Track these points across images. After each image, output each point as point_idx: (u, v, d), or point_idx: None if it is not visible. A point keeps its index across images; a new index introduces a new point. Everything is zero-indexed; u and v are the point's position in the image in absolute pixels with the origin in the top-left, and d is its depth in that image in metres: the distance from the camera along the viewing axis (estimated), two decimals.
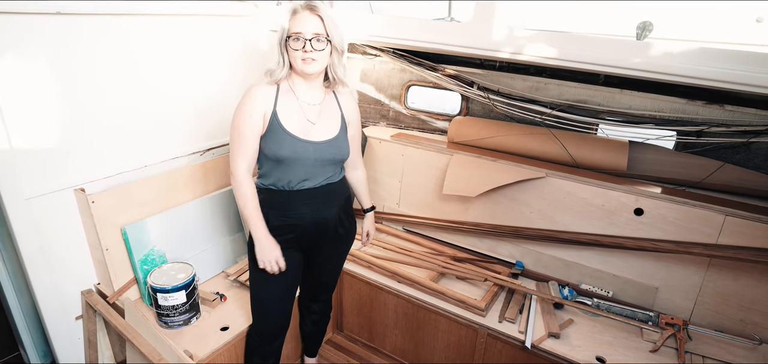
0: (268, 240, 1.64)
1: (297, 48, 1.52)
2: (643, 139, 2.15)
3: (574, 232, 2.13)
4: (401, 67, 2.64)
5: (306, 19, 1.51)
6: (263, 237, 1.63)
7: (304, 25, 1.51)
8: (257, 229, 1.63)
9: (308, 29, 1.51)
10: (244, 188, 1.61)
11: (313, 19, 1.52)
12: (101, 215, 1.87)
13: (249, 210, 1.62)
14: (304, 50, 1.52)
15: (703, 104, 1.99)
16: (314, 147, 1.61)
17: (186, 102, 2.22)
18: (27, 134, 1.69)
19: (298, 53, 1.53)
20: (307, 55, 1.52)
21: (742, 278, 1.86)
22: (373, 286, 2.30)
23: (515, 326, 1.96)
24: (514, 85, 2.37)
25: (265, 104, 1.57)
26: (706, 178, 2.00)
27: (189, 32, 2.15)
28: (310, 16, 1.52)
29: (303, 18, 1.51)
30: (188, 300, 1.87)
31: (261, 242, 1.63)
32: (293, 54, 1.54)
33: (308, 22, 1.51)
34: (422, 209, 2.58)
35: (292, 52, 1.54)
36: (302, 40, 1.51)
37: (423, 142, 2.54)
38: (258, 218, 1.63)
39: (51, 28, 1.67)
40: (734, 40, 3.60)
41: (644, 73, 1.84)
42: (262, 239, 1.63)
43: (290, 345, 2.26)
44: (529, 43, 2.02)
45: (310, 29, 1.51)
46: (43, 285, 1.87)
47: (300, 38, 1.51)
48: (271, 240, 1.64)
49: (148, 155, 2.11)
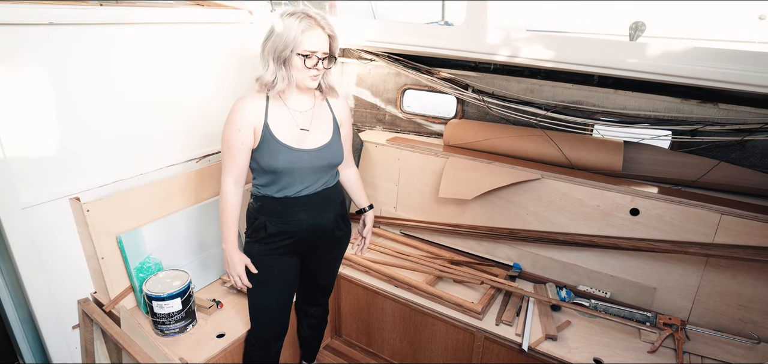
0: (237, 254, 1.67)
1: (310, 66, 1.49)
2: (638, 139, 2.14)
3: (571, 233, 2.13)
4: (396, 72, 2.65)
5: (320, 37, 1.48)
6: (232, 250, 1.66)
7: (318, 44, 1.48)
8: (227, 241, 1.66)
9: (321, 48, 1.49)
10: (226, 200, 1.63)
11: (325, 38, 1.49)
12: (96, 223, 1.87)
13: (226, 222, 1.65)
14: (315, 68, 1.50)
15: (697, 103, 1.99)
16: (309, 155, 1.61)
17: (181, 110, 2.23)
18: (21, 144, 1.70)
19: (310, 72, 1.50)
20: (318, 73, 1.51)
21: (740, 277, 1.85)
22: (370, 291, 2.30)
23: (512, 328, 1.96)
24: (509, 87, 2.38)
25: (254, 117, 1.55)
26: (701, 178, 1.99)
27: (184, 40, 2.16)
28: (323, 35, 1.49)
29: (317, 36, 1.47)
30: (184, 308, 1.87)
31: (230, 255, 1.66)
32: (301, 71, 1.50)
33: (322, 41, 1.48)
34: (419, 212, 2.58)
35: (299, 69, 1.50)
36: (315, 59, 1.48)
37: (419, 146, 2.54)
38: (230, 232, 1.65)
39: (44, 38, 1.68)
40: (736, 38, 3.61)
41: (638, 73, 1.84)
42: (232, 252, 1.66)
43: (288, 351, 2.25)
44: (522, 45, 2.02)
45: (323, 48, 1.49)
46: (40, 294, 1.87)
47: (313, 57, 1.48)
48: (239, 254, 1.68)
49: (143, 163, 2.11)
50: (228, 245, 1.66)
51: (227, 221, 1.65)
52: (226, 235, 1.65)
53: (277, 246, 1.67)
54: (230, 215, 1.64)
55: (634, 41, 1.95)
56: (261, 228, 1.66)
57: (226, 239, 1.65)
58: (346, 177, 1.93)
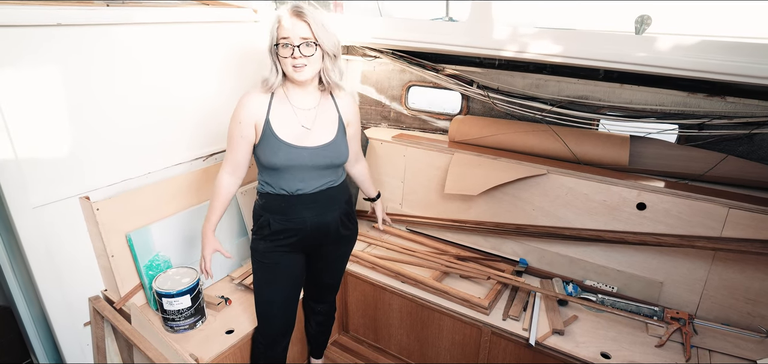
0: (210, 237, 1.73)
1: (286, 55, 1.50)
2: (644, 133, 2.14)
3: (577, 228, 2.13)
4: (401, 68, 2.65)
5: (293, 24, 1.48)
6: (208, 232, 1.73)
7: (291, 31, 1.48)
8: (208, 221, 1.72)
9: (295, 34, 1.48)
10: (218, 185, 1.71)
11: (300, 24, 1.49)
12: (106, 222, 1.89)
13: (212, 204, 1.72)
14: (293, 57, 1.50)
15: (704, 97, 1.98)
16: (309, 152, 1.61)
17: (188, 108, 2.24)
18: (31, 144, 1.72)
19: (288, 60, 1.51)
20: (296, 61, 1.50)
21: (748, 271, 1.84)
22: (377, 287, 2.31)
23: (519, 323, 1.96)
24: (514, 83, 2.37)
25: (256, 113, 1.58)
26: (708, 171, 1.99)
27: (190, 39, 2.17)
28: (297, 22, 1.49)
29: (289, 23, 1.49)
30: (193, 304, 1.89)
31: (205, 235, 1.73)
32: (283, 61, 1.53)
33: (295, 27, 1.48)
34: (425, 208, 2.59)
35: (282, 60, 1.53)
36: (290, 46, 1.49)
37: (424, 143, 2.54)
38: (213, 214, 1.72)
39: (52, 39, 1.69)
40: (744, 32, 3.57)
41: (644, 67, 1.83)
42: (207, 233, 1.73)
43: (296, 347, 2.27)
44: (527, 40, 2.02)
45: (298, 34, 1.49)
46: (51, 292, 1.89)
47: (288, 45, 1.49)
48: (212, 238, 1.73)
49: (151, 162, 2.13)
50: (206, 226, 1.72)
51: (214, 204, 1.71)
52: (208, 215, 1.73)
53: (282, 243, 1.69)
54: (217, 200, 1.71)
55: (639, 35, 1.94)
56: (266, 225, 1.67)
57: (208, 219, 1.72)
58: (356, 171, 1.99)
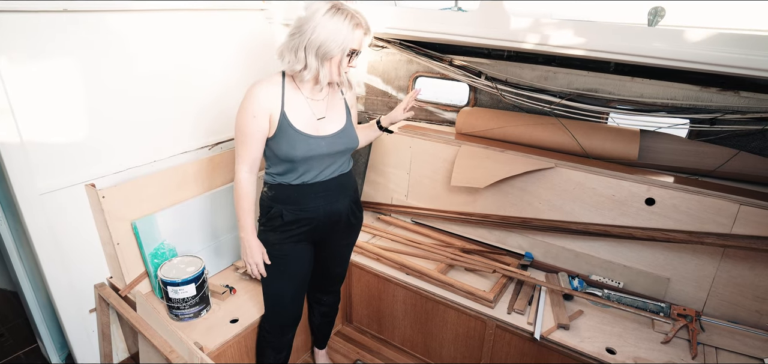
0: (256, 242, 1.67)
1: (350, 64, 1.55)
2: (655, 127, 2.10)
3: (584, 223, 2.11)
4: (408, 59, 2.62)
5: (366, 41, 1.54)
6: (251, 238, 1.65)
7: (362, 45, 1.53)
8: (245, 230, 1.64)
9: (362, 46, 1.54)
10: (241, 188, 1.62)
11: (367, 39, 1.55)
12: (112, 209, 1.89)
13: (242, 210, 1.63)
14: (349, 65, 1.55)
15: (717, 91, 1.94)
16: (326, 141, 1.62)
17: (194, 97, 2.24)
18: (38, 131, 1.72)
19: (344, 68, 1.54)
20: (349, 67, 1.56)
21: (758, 268, 1.82)
22: (381, 278, 2.30)
23: (524, 317, 1.95)
24: (523, 74, 2.34)
25: (270, 105, 1.54)
26: (720, 167, 1.96)
27: (197, 27, 2.16)
28: (368, 39, 1.55)
29: (364, 39, 1.53)
30: (198, 293, 1.90)
31: (249, 242, 1.65)
32: (339, 67, 1.53)
33: (364, 42, 1.54)
34: (430, 200, 2.57)
35: (337, 66, 1.52)
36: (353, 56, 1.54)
37: (431, 134, 2.52)
38: (248, 220, 1.64)
39: (59, 25, 1.69)
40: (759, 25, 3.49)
41: (656, 60, 1.79)
42: (250, 239, 1.65)
43: (300, 337, 2.28)
44: (537, 31, 1.98)
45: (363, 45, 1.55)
46: (58, 279, 1.90)
47: (356, 54, 1.54)
48: (258, 243, 1.67)
49: (157, 150, 2.13)
50: (246, 233, 1.64)
51: (244, 208, 1.63)
52: (243, 223, 1.64)
53: (293, 234, 1.68)
54: (246, 202, 1.63)
55: (653, 27, 1.90)
56: (277, 216, 1.66)
57: (244, 227, 1.64)
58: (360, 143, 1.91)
